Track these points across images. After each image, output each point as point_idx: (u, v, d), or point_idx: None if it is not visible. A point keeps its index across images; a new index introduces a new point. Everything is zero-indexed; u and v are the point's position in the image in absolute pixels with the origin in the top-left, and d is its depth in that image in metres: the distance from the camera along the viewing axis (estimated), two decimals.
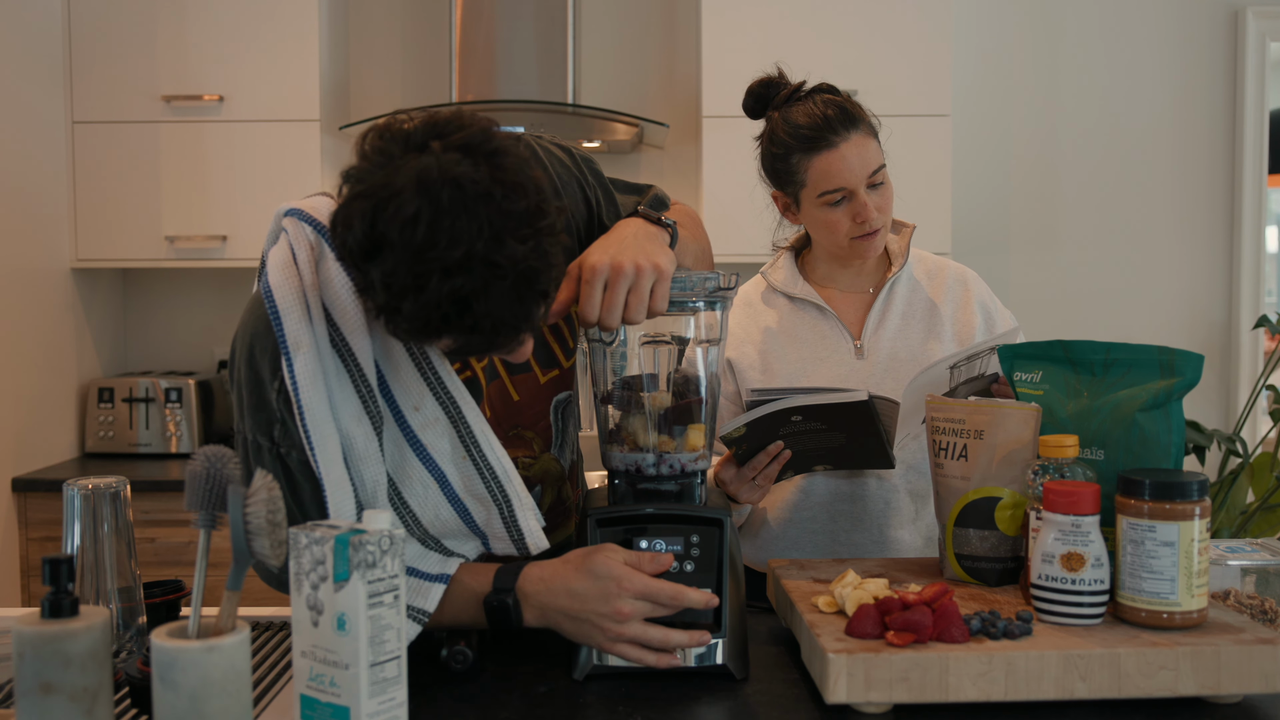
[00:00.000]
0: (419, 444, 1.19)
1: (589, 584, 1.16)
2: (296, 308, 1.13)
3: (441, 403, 1.19)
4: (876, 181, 1.61)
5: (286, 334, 1.12)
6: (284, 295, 1.13)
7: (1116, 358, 1.30)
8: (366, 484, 1.17)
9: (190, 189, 3.06)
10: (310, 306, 1.14)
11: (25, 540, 2.84)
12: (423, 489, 1.21)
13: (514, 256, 0.99)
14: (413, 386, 1.18)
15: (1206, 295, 3.48)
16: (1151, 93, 3.44)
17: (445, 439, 1.20)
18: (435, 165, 0.98)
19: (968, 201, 3.41)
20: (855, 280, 1.75)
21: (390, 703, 0.95)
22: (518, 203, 1.00)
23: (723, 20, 3.04)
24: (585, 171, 1.38)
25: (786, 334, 1.73)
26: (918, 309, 1.73)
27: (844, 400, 1.37)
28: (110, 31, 3.03)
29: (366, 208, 0.98)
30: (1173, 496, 1.13)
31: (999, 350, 1.41)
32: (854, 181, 1.59)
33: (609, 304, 1.16)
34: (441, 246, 0.96)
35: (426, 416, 1.19)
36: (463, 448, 1.21)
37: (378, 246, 0.98)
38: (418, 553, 1.23)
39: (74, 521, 1.22)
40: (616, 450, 1.27)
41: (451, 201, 0.97)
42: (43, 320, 3.01)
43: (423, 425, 1.19)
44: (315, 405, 1.13)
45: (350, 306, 1.13)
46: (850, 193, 1.60)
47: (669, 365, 1.28)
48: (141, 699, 1.08)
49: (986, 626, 1.12)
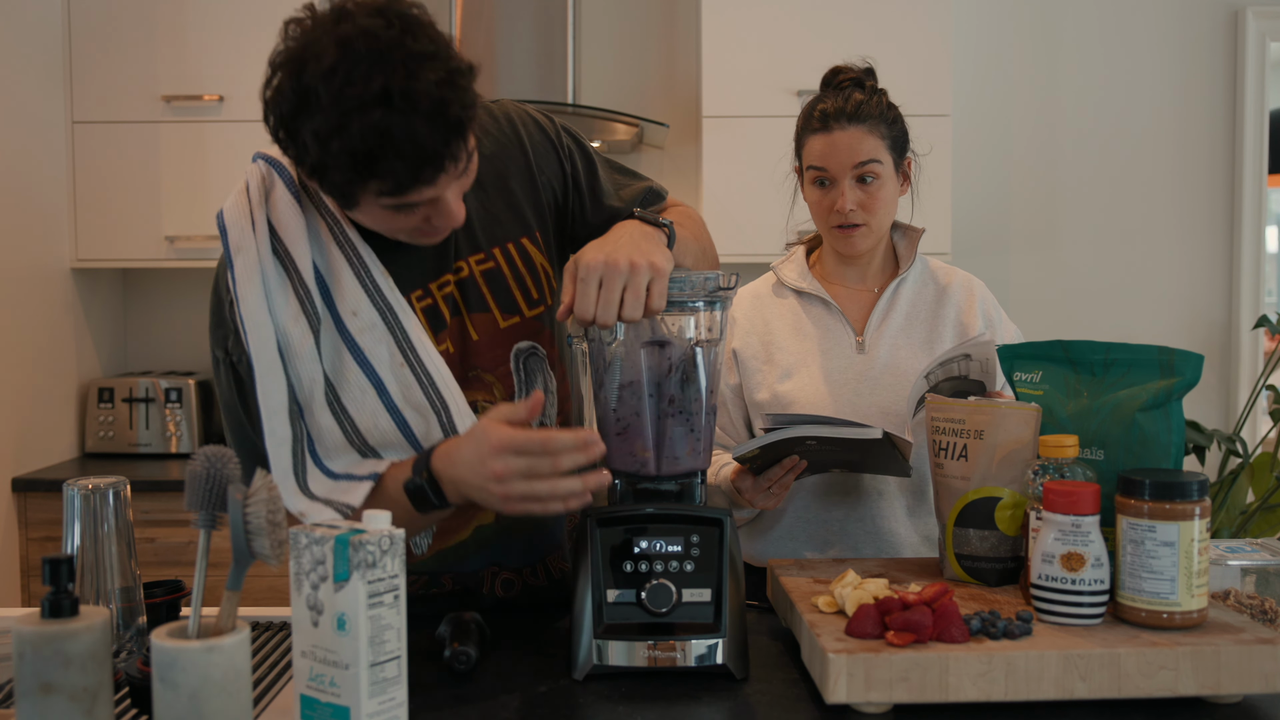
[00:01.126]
0: (357, 348, 1.25)
1: (469, 449, 1.15)
2: (241, 221, 1.24)
3: (379, 308, 1.25)
4: (863, 175, 1.66)
5: (230, 242, 1.24)
6: (231, 214, 1.26)
7: (1116, 358, 1.30)
8: (303, 381, 1.23)
9: (190, 189, 3.06)
10: (255, 222, 1.24)
11: (25, 540, 2.84)
12: (360, 394, 1.25)
13: (428, 88, 1.08)
14: (350, 293, 1.25)
15: (1206, 295, 3.48)
16: (1151, 93, 3.44)
17: (383, 346, 1.25)
18: (351, 25, 1.09)
19: (968, 201, 3.42)
20: (861, 279, 1.78)
21: (390, 703, 0.95)
22: (428, 46, 1.10)
23: (723, 20, 3.04)
24: (563, 136, 1.44)
25: (791, 326, 1.76)
26: (921, 311, 1.76)
27: (859, 436, 1.39)
28: (110, 31, 3.03)
29: (292, 70, 1.10)
30: (1173, 496, 1.13)
31: (999, 351, 1.41)
32: (835, 167, 1.66)
33: (604, 300, 1.17)
34: (359, 84, 1.06)
35: (364, 321, 1.25)
36: (400, 355, 1.25)
37: (304, 100, 1.08)
38: (353, 460, 1.26)
39: (74, 521, 1.22)
40: (616, 450, 1.27)
41: (368, 49, 1.07)
42: (43, 320, 3.01)
43: (360, 329, 1.24)
44: (250, 299, 1.21)
45: (291, 219, 1.24)
46: (832, 179, 1.67)
47: (669, 366, 1.28)
48: (141, 699, 1.08)
49: (986, 626, 1.12)
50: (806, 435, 1.40)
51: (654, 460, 1.26)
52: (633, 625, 1.19)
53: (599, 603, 1.20)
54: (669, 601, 1.19)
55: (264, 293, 1.22)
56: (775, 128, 3.04)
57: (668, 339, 1.27)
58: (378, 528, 0.95)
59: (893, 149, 1.68)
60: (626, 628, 1.19)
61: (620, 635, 1.19)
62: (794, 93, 3.03)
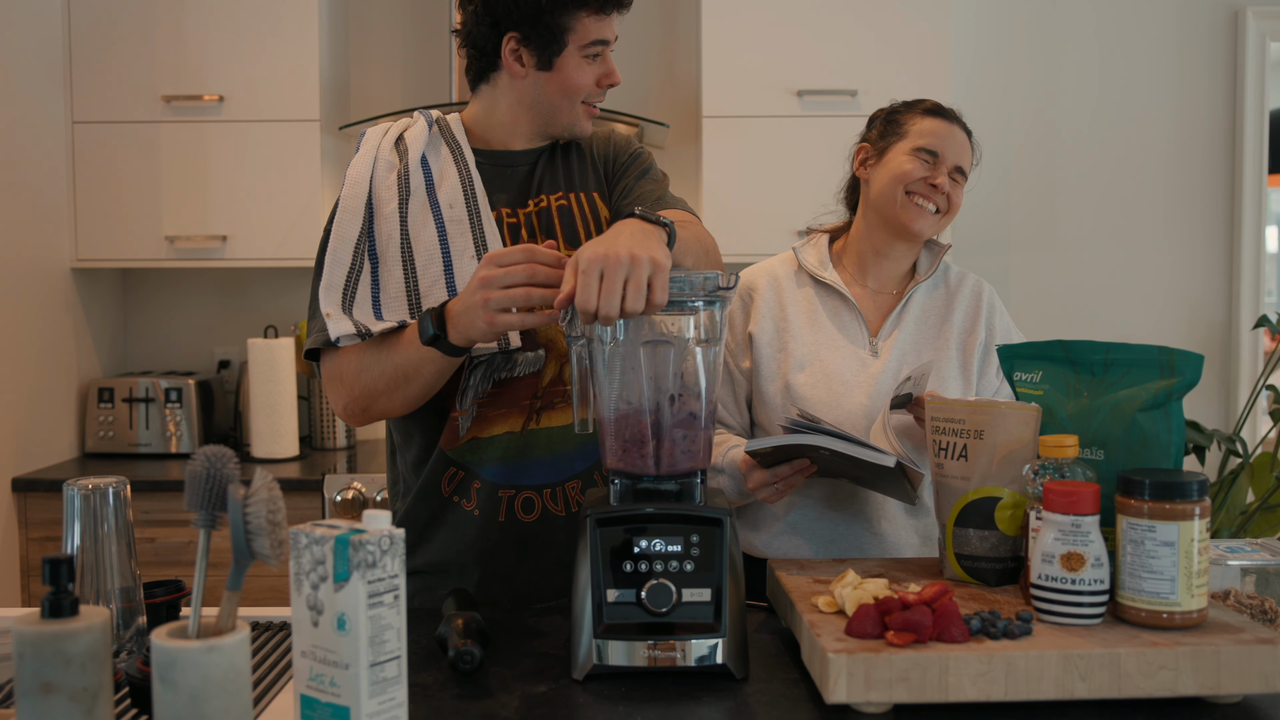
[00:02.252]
0: (443, 230, 1.50)
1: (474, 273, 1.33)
2: (377, 132, 1.59)
3: (469, 209, 1.51)
4: (958, 174, 1.74)
5: (363, 141, 1.57)
6: (372, 130, 1.60)
7: (1116, 358, 1.31)
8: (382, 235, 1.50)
9: (190, 189, 3.06)
10: (389, 131, 1.58)
11: (25, 540, 2.84)
12: (428, 260, 1.48)
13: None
14: (451, 191, 1.52)
15: (1206, 295, 3.48)
16: (1151, 93, 3.44)
17: (463, 238, 1.49)
18: None
19: (968, 201, 3.38)
20: (882, 280, 1.80)
21: (390, 703, 0.95)
22: None
23: (723, 21, 3.04)
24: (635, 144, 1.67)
25: (807, 316, 1.77)
26: (932, 317, 1.78)
27: (873, 460, 1.42)
28: (110, 31, 3.03)
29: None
30: (1173, 496, 1.13)
31: (999, 351, 1.41)
32: (946, 151, 1.74)
33: (606, 292, 1.18)
34: None
35: (455, 214, 1.51)
36: (473, 249, 1.49)
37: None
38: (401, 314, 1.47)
39: (74, 521, 1.22)
40: (616, 449, 1.27)
41: None
42: (43, 320, 3.01)
43: (450, 220, 1.51)
44: (359, 166, 1.54)
45: (418, 133, 1.56)
46: (938, 160, 1.73)
47: (669, 366, 1.28)
48: (141, 699, 1.08)
49: (986, 626, 1.12)
50: (823, 446, 1.43)
51: (654, 460, 1.26)
52: (633, 625, 1.19)
53: (599, 602, 1.20)
54: (669, 601, 1.19)
55: (372, 167, 1.53)
56: (775, 128, 3.05)
57: (668, 339, 1.27)
58: (378, 528, 0.95)
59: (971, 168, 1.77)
60: (626, 628, 1.19)
61: (620, 635, 1.19)
62: (794, 93, 3.03)
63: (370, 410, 1.48)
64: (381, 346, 1.44)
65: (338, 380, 1.48)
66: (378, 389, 1.45)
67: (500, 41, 1.49)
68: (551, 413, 1.53)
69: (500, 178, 1.57)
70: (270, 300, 3.43)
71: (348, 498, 2.81)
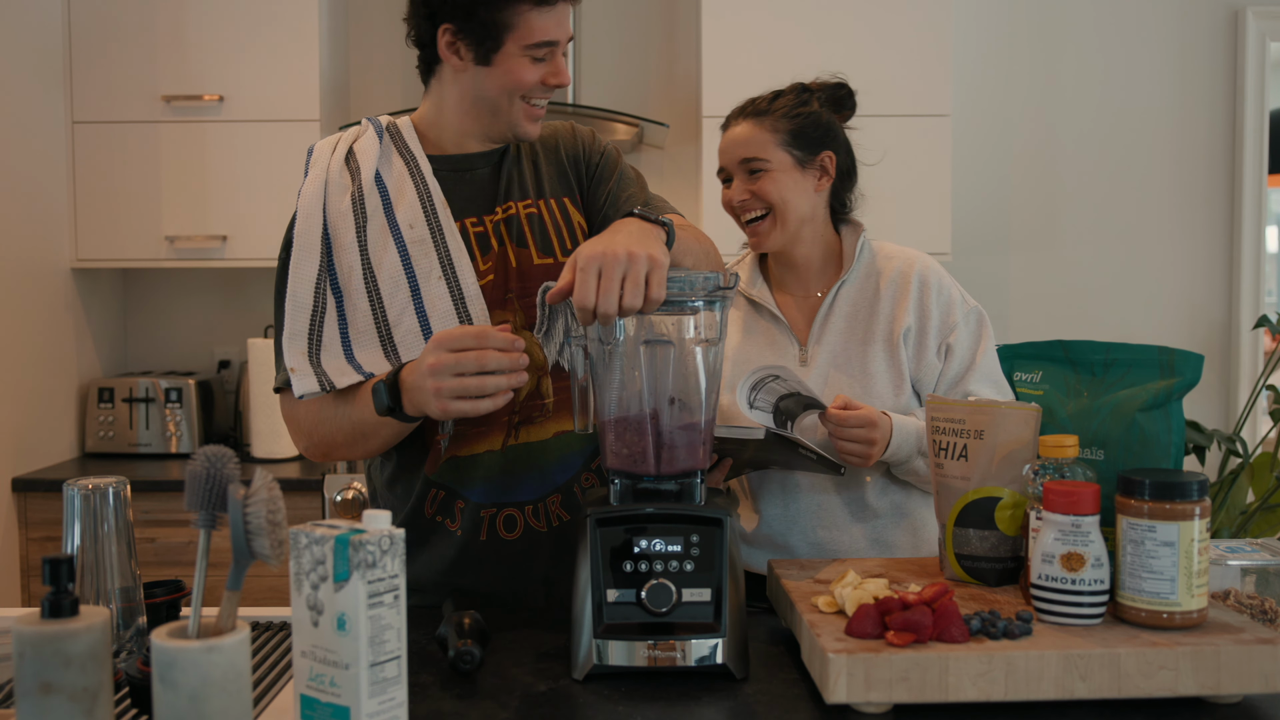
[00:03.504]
0: (405, 253, 1.44)
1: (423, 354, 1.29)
2: (325, 147, 1.54)
3: (431, 227, 1.46)
4: (751, 169, 1.69)
5: (311, 160, 1.54)
6: (320, 144, 1.55)
7: (1116, 358, 1.31)
8: (343, 267, 1.45)
9: (190, 189, 3.06)
10: (337, 147, 1.53)
11: (25, 540, 2.84)
12: (393, 287, 1.44)
13: None
14: (410, 210, 1.46)
15: (1206, 295, 3.48)
16: (1151, 92, 3.44)
17: (427, 259, 1.44)
18: None
19: (968, 201, 3.41)
20: (803, 284, 1.76)
21: (390, 703, 0.95)
22: None
23: (723, 21, 3.04)
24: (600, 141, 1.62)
25: (742, 334, 1.76)
26: (861, 311, 1.72)
27: (742, 437, 1.46)
28: (110, 31, 3.03)
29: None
30: (1173, 496, 1.13)
31: (999, 351, 1.41)
32: (727, 161, 1.72)
33: (604, 289, 1.18)
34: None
35: (416, 234, 1.45)
36: (439, 269, 1.44)
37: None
38: (374, 356, 1.43)
39: (74, 521, 1.22)
40: (616, 449, 1.27)
41: None
42: (43, 320, 3.01)
43: (412, 240, 1.45)
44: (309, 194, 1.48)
45: (369, 146, 1.50)
46: (729, 173, 1.73)
47: (669, 366, 1.28)
48: (141, 699, 1.08)
49: (986, 626, 1.12)
50: None
51: (654, 460, 1.26)
52: (633, 625, 1.19)
53: (599, 603, 1.20)
54: (669, 601, 1.19)
55: (324, 193, 1.47)
56: None
57: (667, 339, 1.27)
58: (378, 528, 0.95)
59: (790, 144, 1.68)
60: (626, 628, 1.19)
61: (620, 635, 1.19)
62: None
63: (331, 456, 1.48)
64: (340, 400, 1.42)
65: (296, 426, 1.49)
66: (336, 441, 1.44)
67: (436, 34, 1.45)
68: (530, 427, 1.49)
69: (461, 184, 1.51)
70: (270, 300, 3.41)
71: (348, 498, 2.81)
